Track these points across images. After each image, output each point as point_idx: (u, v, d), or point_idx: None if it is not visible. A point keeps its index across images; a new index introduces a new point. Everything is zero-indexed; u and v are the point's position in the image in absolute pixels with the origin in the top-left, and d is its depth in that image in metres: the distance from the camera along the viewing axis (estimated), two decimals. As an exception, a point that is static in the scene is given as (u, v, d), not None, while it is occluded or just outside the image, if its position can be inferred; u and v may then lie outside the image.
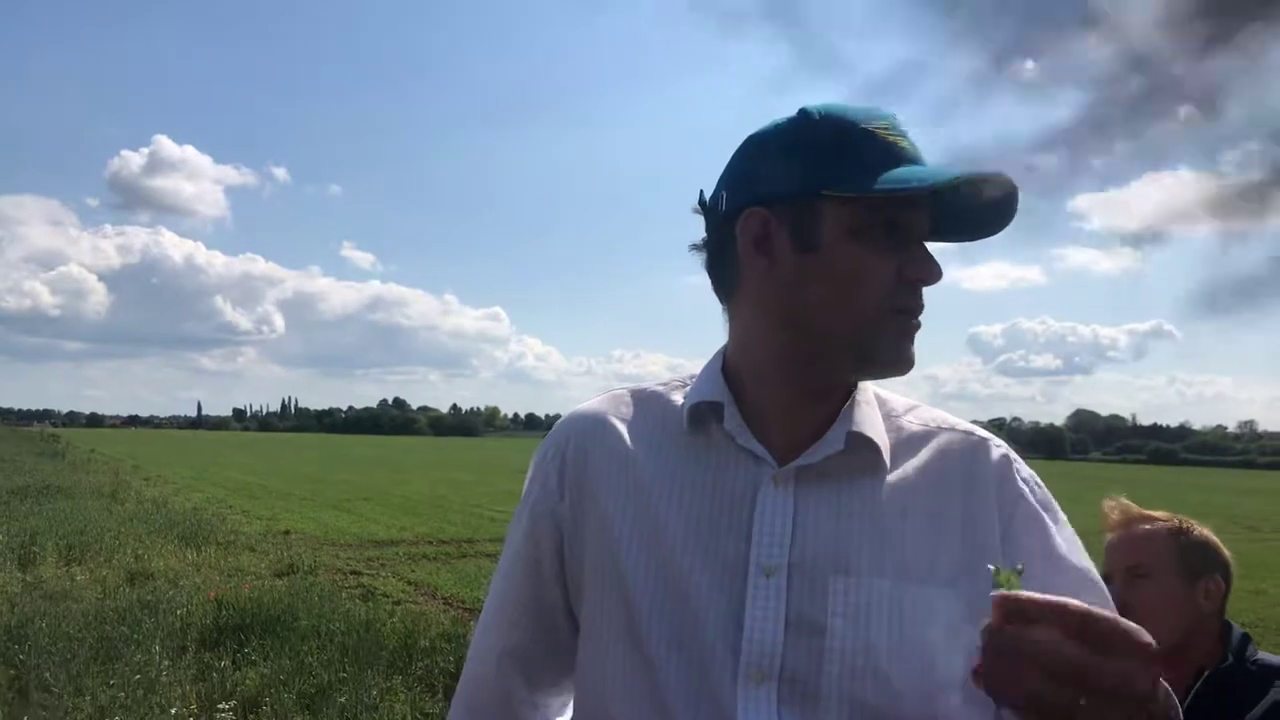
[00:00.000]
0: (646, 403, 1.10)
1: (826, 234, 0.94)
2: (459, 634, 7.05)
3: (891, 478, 1.00)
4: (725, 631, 0.95)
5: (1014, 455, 1.04)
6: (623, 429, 1.08)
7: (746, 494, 0.99)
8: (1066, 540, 0.99)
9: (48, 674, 5.44)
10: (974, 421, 1.09)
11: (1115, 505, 1.84)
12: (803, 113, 0.98)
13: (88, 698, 5.09)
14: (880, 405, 1.05)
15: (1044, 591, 0.68)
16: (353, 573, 10.53)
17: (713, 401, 1.03)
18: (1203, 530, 1.80)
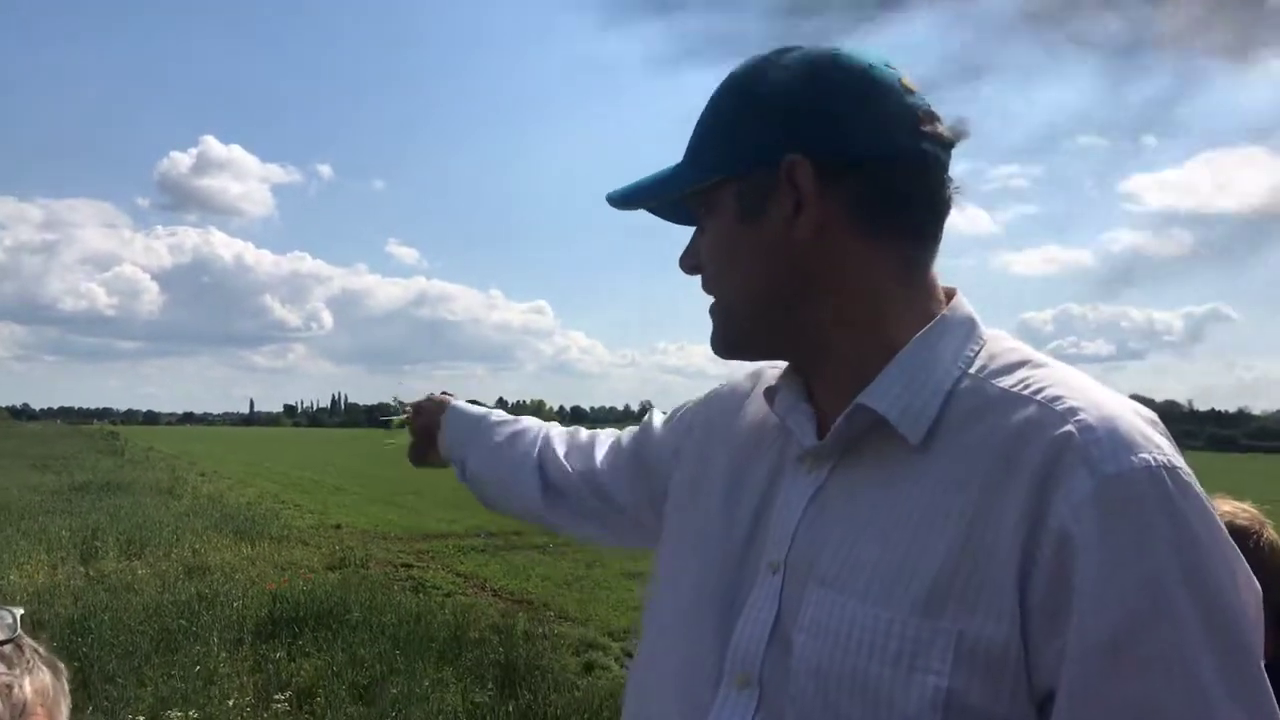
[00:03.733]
0: (762, 383, 1.05)
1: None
2: (508, 626, 7.11)
3: (919, 464, 0.80)
4: (724, 626, 0.88)
5: (1105, 436, 0.73)
6: (744, 407, 1.05)
7: (779, 478, 0.92)
8: (1155, 578, 0.69)
9: (111, 665, 5.58)
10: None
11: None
12: (836, 55, 0.90)
13: (149, 688, 5.22)
14: (975, 369, 0.83)
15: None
16: (403, 565, 10.65)
17: (774, 387, 0.97)
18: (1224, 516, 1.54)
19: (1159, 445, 0.74)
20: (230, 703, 5.12)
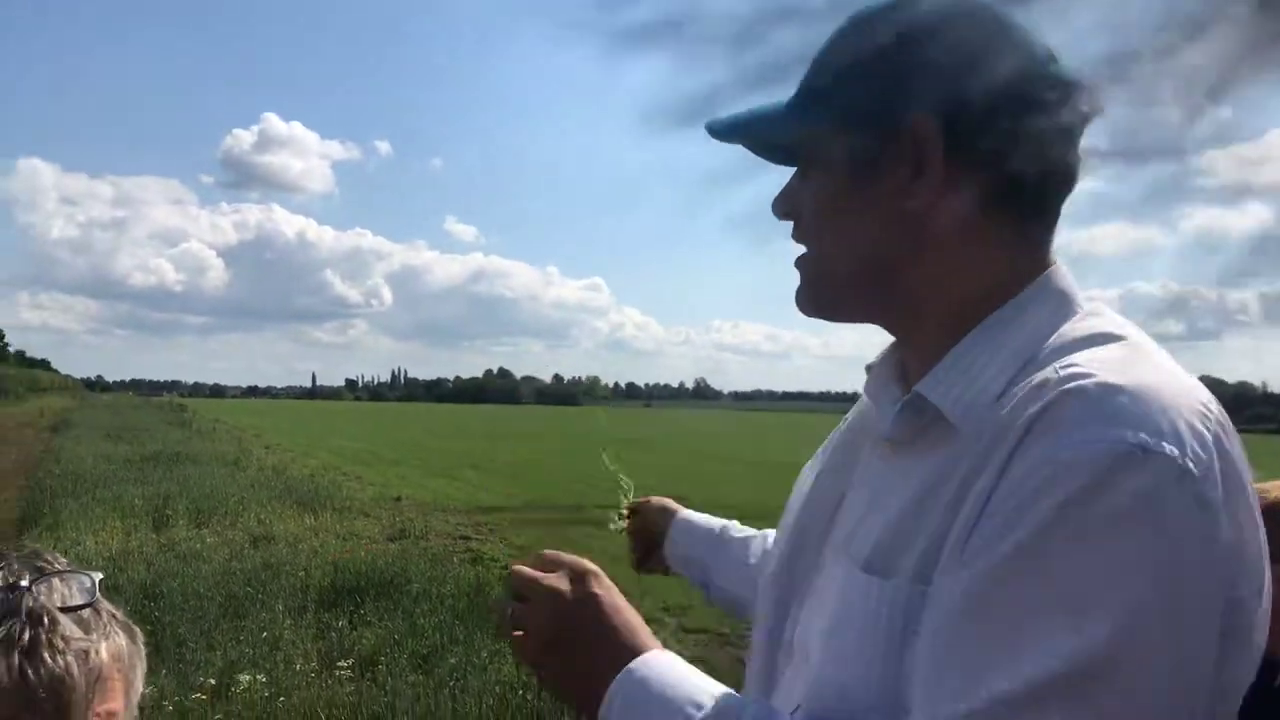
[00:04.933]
0: None
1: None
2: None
3: (956, 448, 0.76)
4: (795, 610, 0.93)
5: (1085, 405, 0.68)
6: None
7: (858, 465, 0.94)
8: (1078, 572, 0.64)
9: (181, 629, 5.76)
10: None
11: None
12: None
13: (218, 653, 5.37)
14: (1045, 354, 0.77)
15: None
16: (461, 538, 10.81)
17: (872, 363, 0.95)
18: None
19: (1159, 428, 0.66)
20: (296, 667, 5.24)
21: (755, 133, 0.90)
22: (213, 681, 4.83)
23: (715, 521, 1.39)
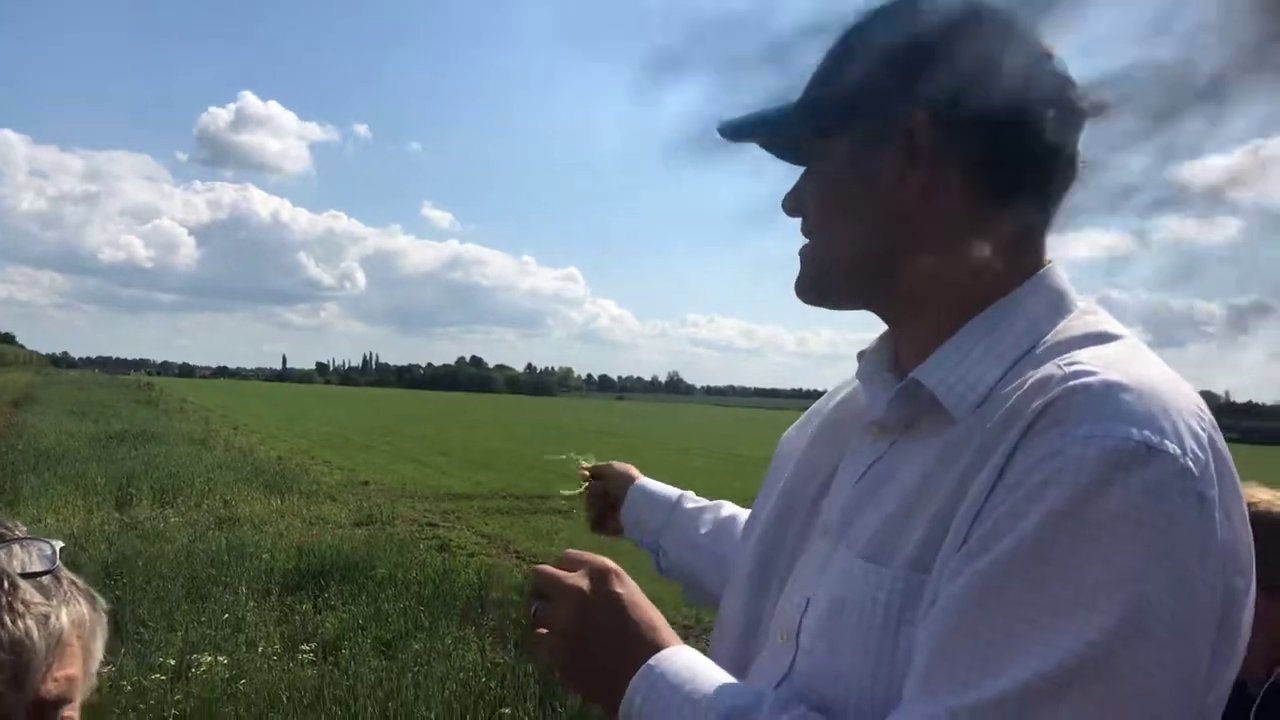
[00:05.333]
0: None
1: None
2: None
3: (955, 434, 0.78)
4: (781, 582, 0.94)
5: (1090, 401, 0.70)
6: (840, 391, 1.05)
7: (850, 448, 0.94)
8: (1078, 559, 0.66)
9: (143, 609, 5.71)
10: None
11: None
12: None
13: (179, 634, 5.33)
14: (1046, 345, 0.80)
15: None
16: (429, 524, 10.78)
17: (863, 350, 0.97)
18: (1256, 503, 1.40)
19: (1162, 427, 0.68)
20: (259, 650, 5.22)
21: (763, 133, 0.93)
22: (173, 662, 4.80)
23: (673, 491, 1.43)
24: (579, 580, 0.88)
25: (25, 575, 0.84)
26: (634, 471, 1.48)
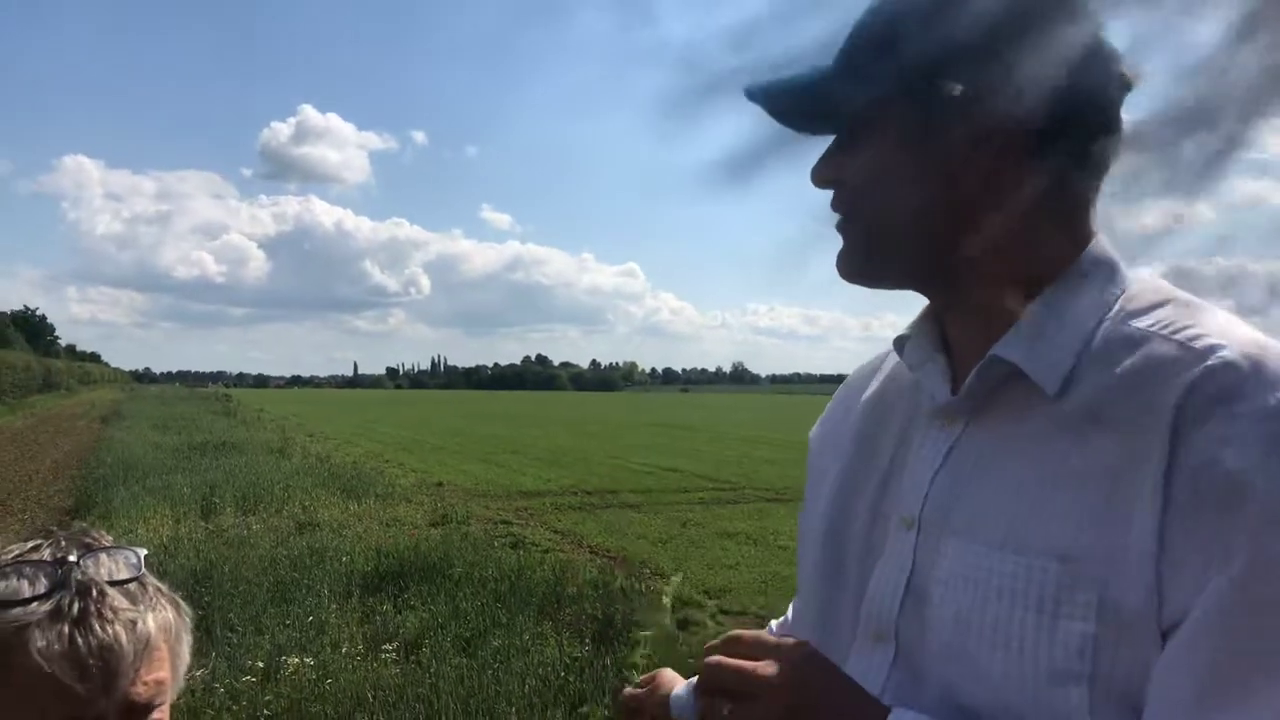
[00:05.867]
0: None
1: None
2: (605, 582, 7.22)
3: (1054, 411, 0.77)
4: (859, 584, 0.88)
5: (1246, 373, 0.69)
6: (865, 387, 1.02)
7: (910, 435, 0.90)
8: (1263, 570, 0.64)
9: (231, 614, 5.88)
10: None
11: None
12: None
13: (267, 636, 5.48)
14: (1116, 313, 0.79)
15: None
16: (502, 522, 10.92)
17: (905, 335, 0.93)
18: None
19: None
20: (342, 651, 5.34)
21: (799, 100, 0.86)
22: (262, 664, 4.93)
23: None
24: (773, 671, 0.76)
25: (113, 583, 0.87)
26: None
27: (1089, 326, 0.78)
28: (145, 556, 0.91)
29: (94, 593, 0.84)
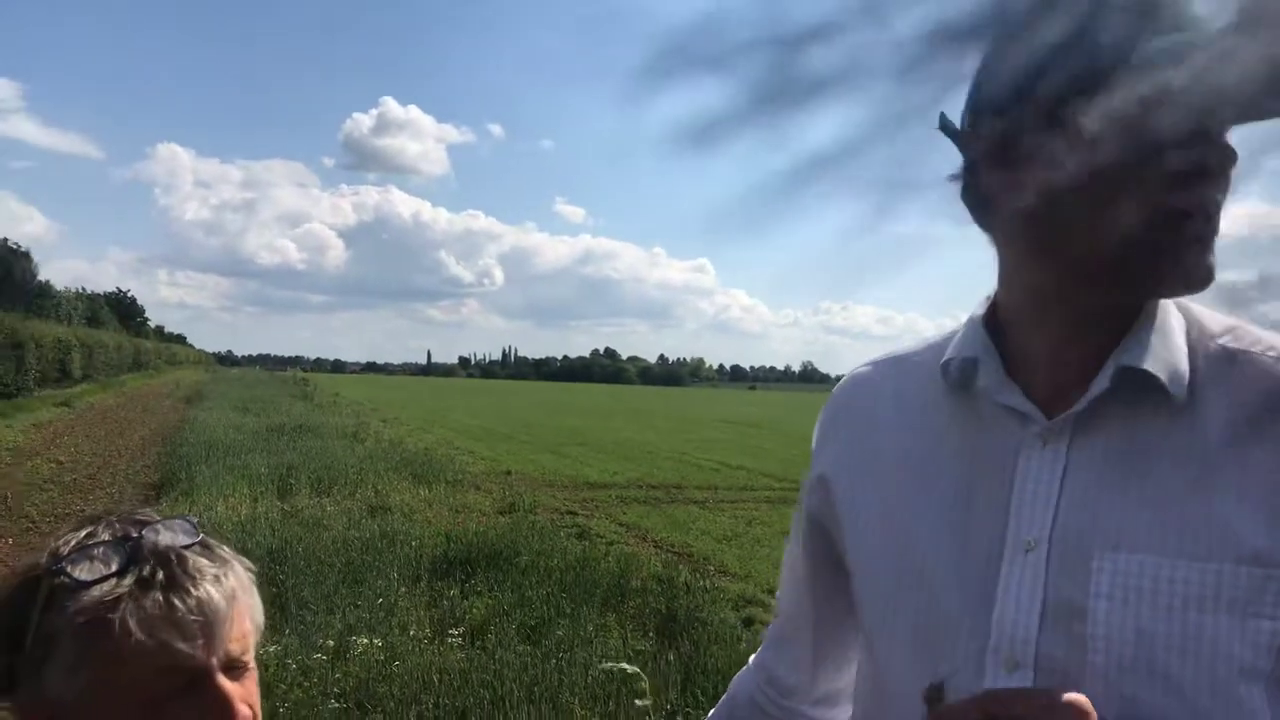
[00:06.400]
0: (911, 369, 0.98)
1: (1074, 132, 0.75)
2: (670, 576, 7.22)
3: (1186, 421, 0.80)
4: (972, 617, 0.84)
5: None
6: (883, 396, 0.99)
7: (1008, 458, 0.86)
8: None
9: (304, 593, 6.03)
10: None
11: None
12: None
13: (337, 616, 5.61)
14: (1189, 327, 0.84)
15: None
16: (569, 513, 10.99)
17: (967, 358, 0.90)
18: None
19: None
20: (410, 633, 5.44)
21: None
22: (332, 643, 5.05)
23: None
24: None
25: (184, 548, 0.89)
26: None
27: (1182, 342, 0.82)
28: (196, 522, 0.93)
29: (173, 558, 0.86)
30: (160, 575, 0.85)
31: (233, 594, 0.89)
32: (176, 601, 0.84)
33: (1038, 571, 0.82)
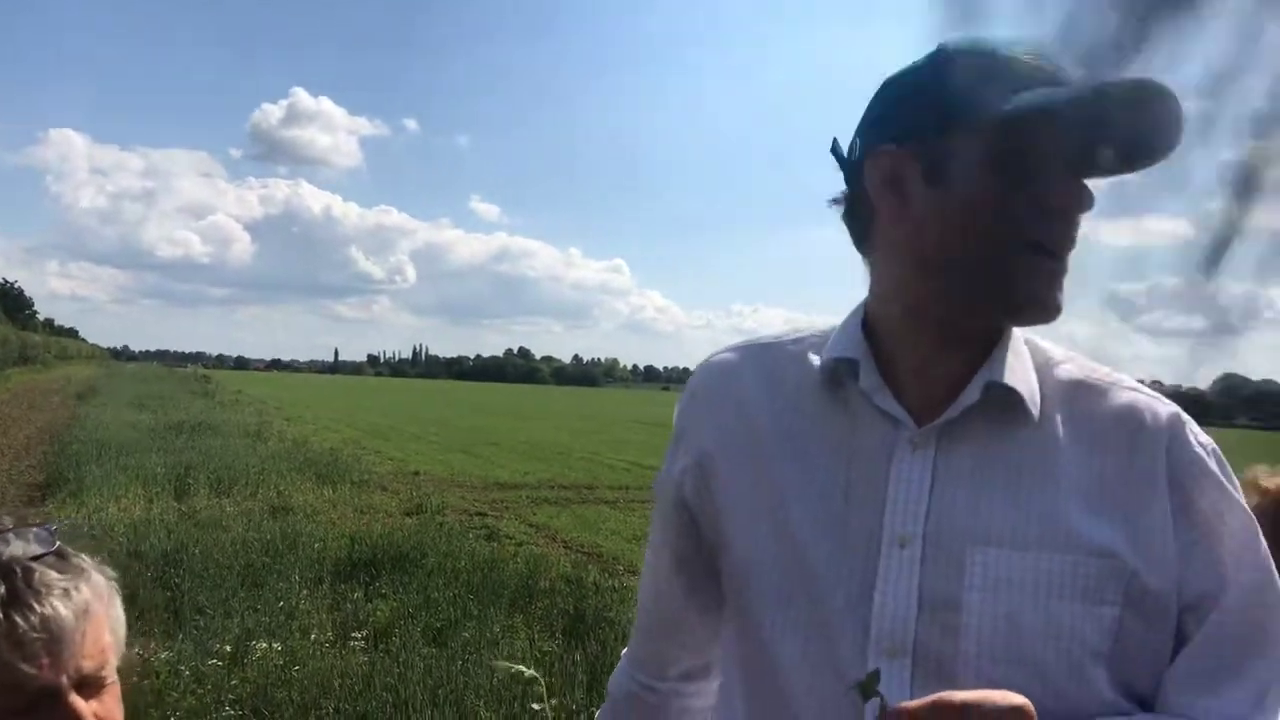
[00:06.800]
0: (782, 358, 1.02)
1: (958, 166, 0.86)
2: (579, 577, 7.22)
3: (1041, 434, 0.90)
4: (854, 607, 0.89)
5: (1189, 419, 0.92)
6: (749, 387, 1.02)
7: (881, 458, 0.92)
8: (1241, 517, 0.88)
9: (200, 597, 5.84)
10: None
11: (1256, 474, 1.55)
12: (939, 47, 0.90)
13: (235, 620, 5.45)
14: (1033, 354, 0.94)
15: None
16: (478, 514, 10.89)
17: (848, 359, 0.95)
18: None
19: None
20: (311, 637, 5.32)
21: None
22: (229, 648, 4.91)
23: None
24: None
25: (33, 559, 0.85)
26: None
27: (1031, 365, 0.93)
28: (54, 529, 0.89)
29: (19, 571, 0.83)
30: (3, 589, 0.81)
31: (85, 608, 0.85)
32: (18, 618, 0.80)
33: (913, 566, 0.88)
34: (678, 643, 1.14)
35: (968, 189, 0.86)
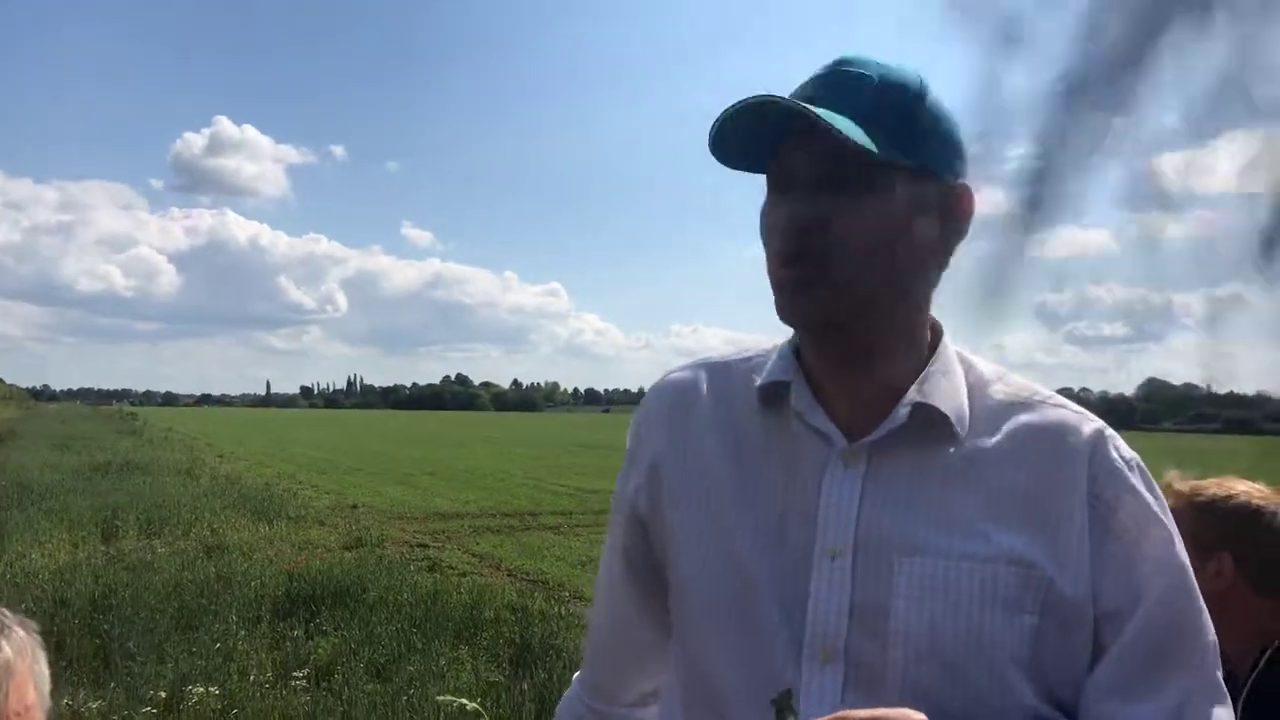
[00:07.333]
0: (729, 378, 1.06)
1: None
2: (524, 605, 7.16)
3: (966, 450, 0.93)
4: (789, 617, 0.93)
5: (1113, 433, 0.96)
6: (700, 405, 1.05)
7: (815, 474, 0.95)
8: (1162, 529, 0.92)
9: (131, 643, 5.65)
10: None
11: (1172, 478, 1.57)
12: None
13: (170, 665, 5.28)
14: (967, 374, 0.98)
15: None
16: (419, 545, 10.74)
17: (781, 380, 0.99)
18: (1237, 495, 1.48)
19: None
20: (251, 679, 5.18)
21: (832, 133, 0.87)
22: (164, 694, 4.75)
23: None
24: None
25: None
26: None
27: (963, 385, 0.97)
28: None
29: None
30: None
31: (7, 666, 0.83)
32: None
33: (844, 576, 0.92)
34: (631, 665, 1.15)
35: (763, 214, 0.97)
